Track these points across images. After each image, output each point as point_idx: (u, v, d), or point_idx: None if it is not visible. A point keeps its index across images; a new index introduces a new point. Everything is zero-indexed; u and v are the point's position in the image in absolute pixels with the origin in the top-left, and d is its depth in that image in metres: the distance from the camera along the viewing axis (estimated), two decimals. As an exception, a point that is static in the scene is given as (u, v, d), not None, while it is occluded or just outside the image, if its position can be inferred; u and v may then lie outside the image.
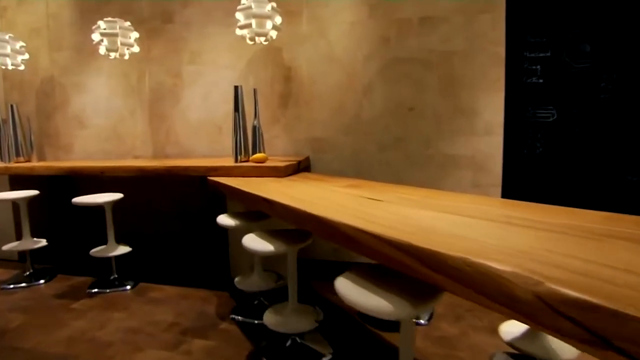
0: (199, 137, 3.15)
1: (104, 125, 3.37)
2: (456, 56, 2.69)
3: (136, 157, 3.31)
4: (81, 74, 3.37)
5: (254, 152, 2.63)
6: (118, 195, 2.58)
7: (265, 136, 2.82)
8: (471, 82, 2.69)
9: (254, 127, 2.63)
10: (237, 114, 2.60)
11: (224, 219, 2.08)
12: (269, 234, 1.76)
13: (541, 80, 2.68)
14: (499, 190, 2.77)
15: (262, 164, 2.41)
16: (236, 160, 2.56)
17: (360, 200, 1.47)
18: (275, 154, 2.93)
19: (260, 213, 2.09)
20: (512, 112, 2.73)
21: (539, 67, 2.66)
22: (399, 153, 2.83)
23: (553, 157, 2.69)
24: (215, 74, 3.06)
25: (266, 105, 2.94)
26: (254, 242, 1.65)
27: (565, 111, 2.64)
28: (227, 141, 3.07)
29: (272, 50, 2.94)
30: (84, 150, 3.45)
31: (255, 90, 2.62)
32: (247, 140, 2.62)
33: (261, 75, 2.97)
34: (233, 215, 2.13)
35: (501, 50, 2.66)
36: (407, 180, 2.81)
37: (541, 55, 2.66)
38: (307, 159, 2.87)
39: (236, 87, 2.63)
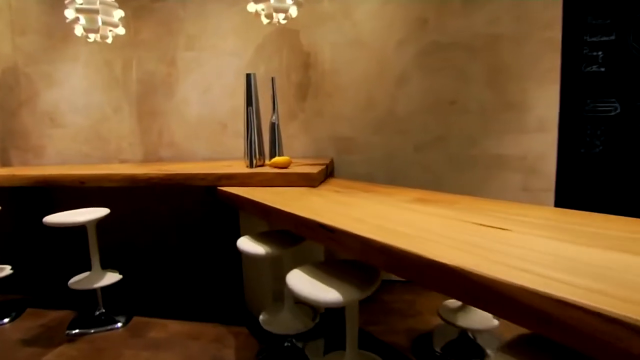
0: (198, 137, 2.61)
1: (83, 124, 2.78)
2: (504, 41, 2.27)
3: (123, 162, 2.75)
4: (52, 63, 2.77)
5: (272, 155, 2.13)
6: (103, 211, 2.02)
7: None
8: (521, 71, 2.27)
9: (272, 125, 2.13)
10: (250, 108, 2.09)
11: (248, 245, 1.56)
12: (320, 269, 1.27)
13: (603, 69, 2.29)
14: (551, 195, 2.37)
15: (285, 170, 1.92)
16: (251, 165, 2.05)
17: (474, 229, 1.01)
18: (293, 155, 2.43)
19: (287, 233, 1.60)
20: (568, 105, 2.33)
21: (600, 53, 2.27)
22: (438, 154, 2.39)
23: (615, 157, 2.31)
24: (217, 62, 2.53)
25: (281, 99, 2.43)
26: (308, 285, 1.16)
27: (630, 104, 2.26)
28: (233, 142, 2.55)
29: (288, 33, 2.44)
30: (58, 154, 2.85)
31: (273, 79, 2.11)
32: (262, 140, 2.12)
33: (274, 63, 2.46)
34: (258, 239, 1.62)
35: (557, 35, 2.25)
36: (448, 186, 2.38)
37: (604, 39, 2.26)
38: (332, 162, 2.39)
39: (249, 76, 2.12)
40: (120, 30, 2.39)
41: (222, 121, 2.56)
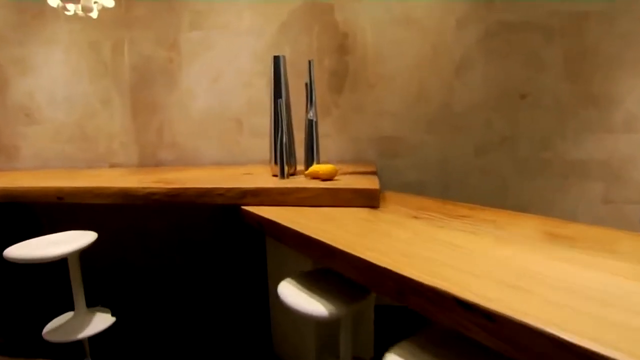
0: (206, 137, 2.10)
1: (64, 120, 2.25)
2: (590, 19, 1.80)
3: (114, 166, 2.23)
4: (25, 44, 2.23)
5: (307, 161, 1.64)
6: (88, 236, 1.52)
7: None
8: (610, 57, 1.81)
9: (309, 123, 1.63)
10: (279, 101, 1.60)
11: (299, 299, 1.05)
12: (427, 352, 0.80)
13: None
14: (638, 209, 1.93)
15: (330, 183, 1.43)
16: (282, 175, 1.56)
17: None
18: (325, 160, 1.95)
19: (341, 277, 1.11)
20: (664, 99, 1.89)
21: None
22: (503, 157, 1.93)
23: None
24: (230, 44, 2.02)
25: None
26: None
27: None
28: (250, 142, 2.05)
29: (319, 8, 1.94)
30: (36, 156, 2.32)
31: (310, 63, 1.61)
32: (292, 142, 1.63)
33: (302, 46, 1.96)
34: (307, 286, 1.12)
35: (655, 11, 1.79)
36: (514, 196, 1.92)
37: None
38: (372, 166, 1.91)
39: (277, 59, 1.63)
40: (109, 2, 1.87)
41: (236, 116, 2.06)
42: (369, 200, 1.32)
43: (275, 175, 1.65)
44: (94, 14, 1.89)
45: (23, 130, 2.31)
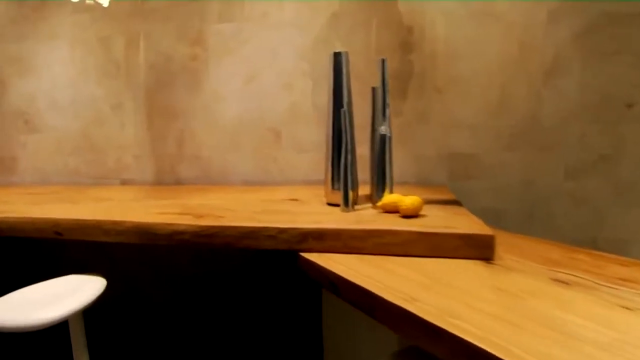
0: (237, 150, 1.74)
1: (69, 128, 1.89)
2: None
3: (125, 183, 1.87)
4: (23, 41, 1.87)
5: (377, 188, 1.27)
6: (93, 288, 1.15)
7: (361, 148, 1.46)
8: None
9: (381, 139, 1.26)
10: (342, 111, 1.23)
11: None
12: None
13: None
14: None
15: (416, 220, 1.06)
16: (346, 205, 1.19)
17: None
18: None
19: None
20: None
21: None
22: (601, 181, 1.55)
23: None
24: (268, 38, 1.65)
25: (366, 94, 1.58)
26: None
27: None
28: (291, 157, 1.68)
29: (379, -3, 1.57)
30: (36, 169, 1.96)
31: (383, 62, 1.24)
32: (354, 163, 1.26)
33: (357, 41, 1.59)
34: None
35: None
36: (614, 228, 1.55)
37: None
38: (447, 191, 1.54)
39: (338, 56, 1.27)
40: (123, -13, 1.51)
41: (275, 126, 1.69)
42: (481, 250, 0.94)
43: (332, 204, 1.29)
44: (105, 2, 1.53)
45: (21, 139, 1.95)
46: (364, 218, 1.12)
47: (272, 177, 1.69)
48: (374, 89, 1.31)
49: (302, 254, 1.03)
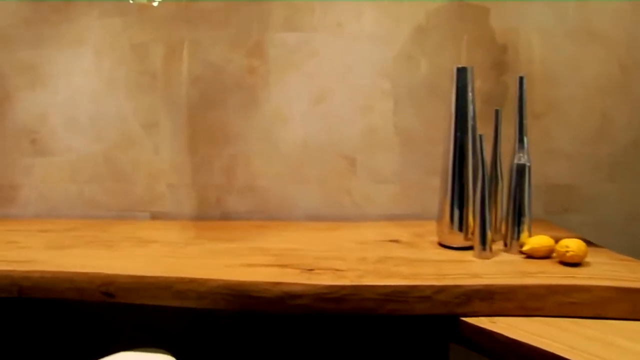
0: (303, 180, 1.47)
1: (87, 150, 1.56)
2: None
3: (156, 218, 1.54)
4: (37, 47, 1.54)
5: (516, 229, 1.05)
6: None
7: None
8: None
9: (518, 169, 1.05)
10: (465, 138, 1.03)
11: None
12: None
13: None
14: None
15: (585, 269, 0.86)
16: (483, 246, 0.97)
17: None
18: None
19: None
20: None
21: None
22: None
23: None
24: (343, 52, 1.42)
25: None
26: None
27: None
28: (369, 189, 1.43)
29: (471, 11, 1.40)
30: (43, 199, 1.59)
31: (522, 80, 1.05)
32: (492, 196, 1.05)
33: (445, 58, 1.40)
34: None
35: None
36: None
37: None
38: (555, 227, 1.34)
39: (462, 72, 1.07)
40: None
41: (349, 153, 1.44)
42: None
43: (448, 247, 1.06)
44: (155, 2, 1.26)
45: (26, 163, 1.58)
46: (521, 267, 0.90)
47: (344, 212, 1.44)
48: (497, 111, 1.12)
49: (464, 320, 0.79)
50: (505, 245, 1.04)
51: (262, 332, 1.33)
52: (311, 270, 0.89)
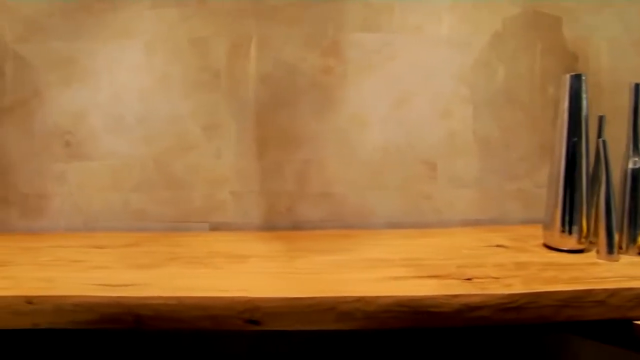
0: (381, 186, 1.40)
1: (134, 154, 1.38)
2: None
3: (216, 229, 1.40)
4: (76, 39, 1.34)
5: (633, 231, 1.06)
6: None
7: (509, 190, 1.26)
8: None
9: (634, 174, 1.06)
10: (579, 142, 1.03)
11: None
12: None
13: None
14: None
15: None
16: (610, 251, 0.96)
17: None
18: (534, 219, 1.37)
19: None
20: None
21: None
22: None
23: None
24: (423, 55, 1.38)
25: (531, 127, 1.39)
26: None
27: None
28: (450, 195, 1.40)
29: (544, 20, 1.42)
30: (77, 210, 1.37)
31: (637, 87, 1.07)
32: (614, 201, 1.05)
33: (521, 65, 1.41)
34: None
35: None
36: None
37: None
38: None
39: (575, 78, 1.07)
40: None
41: (429, 158, 1.40)
42: None
43: (562, 250, 1.05)
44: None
45: (58, 169, 1.37)
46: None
47: (425, 218, 1.39)
48: (600, 117, 1.14)
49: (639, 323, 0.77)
50: (620, 248, 1.06)
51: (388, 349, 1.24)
52: (469, 279, 0.84)
